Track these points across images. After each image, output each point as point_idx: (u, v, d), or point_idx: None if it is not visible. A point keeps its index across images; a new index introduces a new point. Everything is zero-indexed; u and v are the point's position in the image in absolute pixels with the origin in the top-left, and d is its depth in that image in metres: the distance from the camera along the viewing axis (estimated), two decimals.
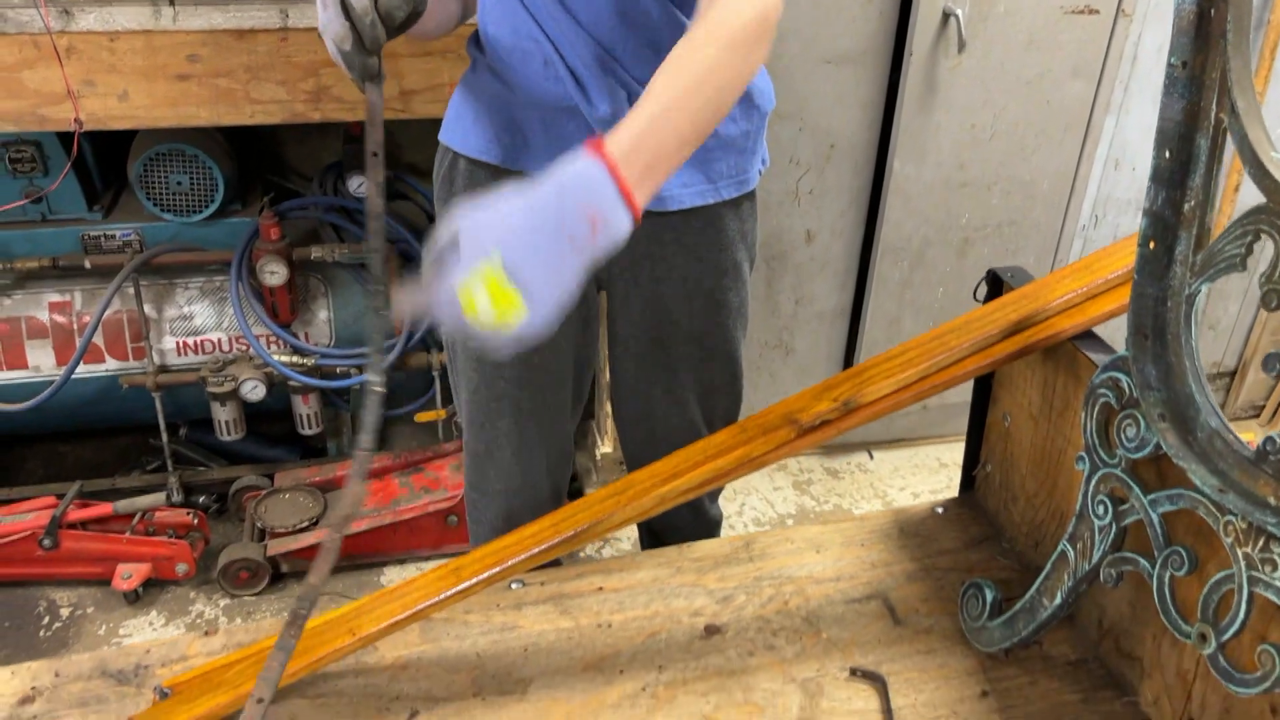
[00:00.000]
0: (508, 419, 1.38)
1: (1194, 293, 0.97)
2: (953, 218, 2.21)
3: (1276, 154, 0.90)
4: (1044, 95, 2.11)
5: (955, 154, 2.12)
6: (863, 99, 2.06)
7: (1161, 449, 0.96)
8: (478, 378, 1.35)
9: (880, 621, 1.26)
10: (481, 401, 1.37)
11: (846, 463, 2.51)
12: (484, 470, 1.43)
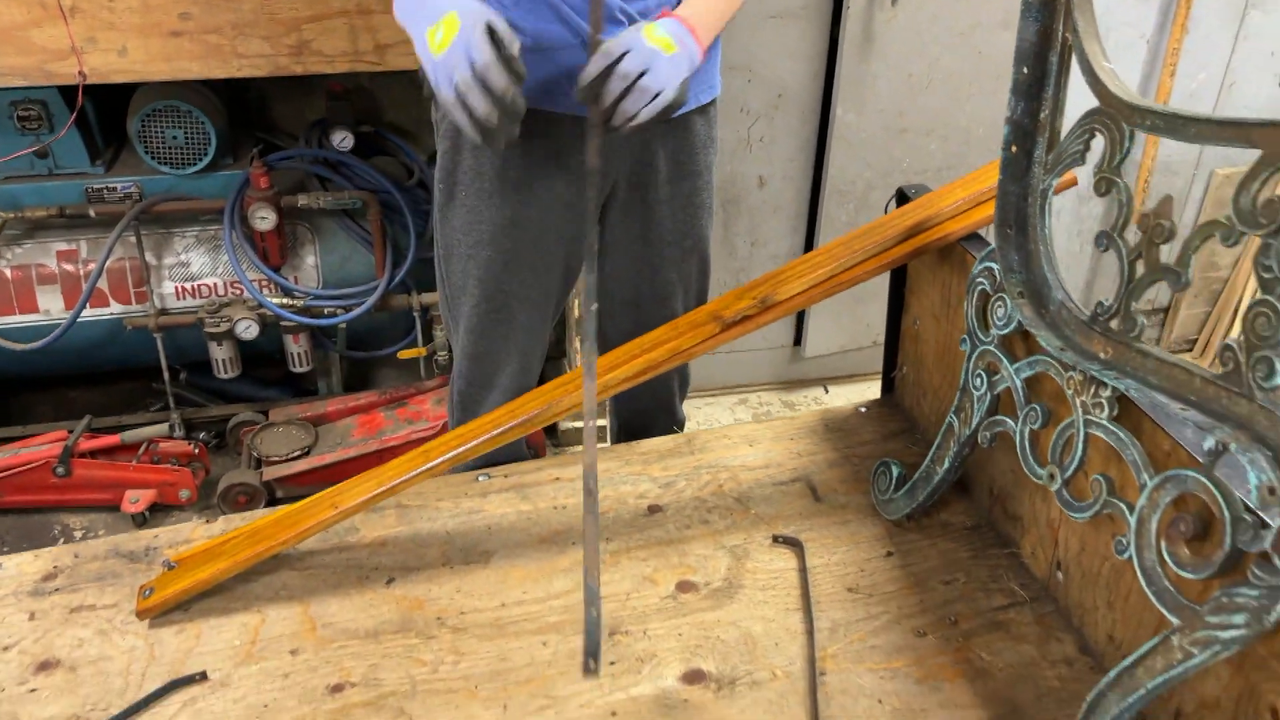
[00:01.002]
0: (513, 314, 1.53)
1: (1047, 187, 1.13)
2: (894, 162, 2.36)
3: (1107, 64, 1.06)
4: (976, 46, 2.26)
5: (894, 102, 2.28)
6: (807, 51, 2.21)
7: (1022, 323, 1.12)
8: (479, 291, 1.49)
9: (803, 499, 1.42)
10: (487, 303, 1.50)
11: (804, 397, 2.68)
12: (485, 368, 1.56)
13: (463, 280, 1.50)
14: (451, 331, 1.59)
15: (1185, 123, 0.94)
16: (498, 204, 1.42)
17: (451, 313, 1.57)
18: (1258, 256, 0.86)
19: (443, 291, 1.57)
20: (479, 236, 1.45)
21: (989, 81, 2.29)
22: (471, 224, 1.45)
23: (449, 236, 1.48)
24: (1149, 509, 0.95)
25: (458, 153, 1.42)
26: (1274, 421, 0.83)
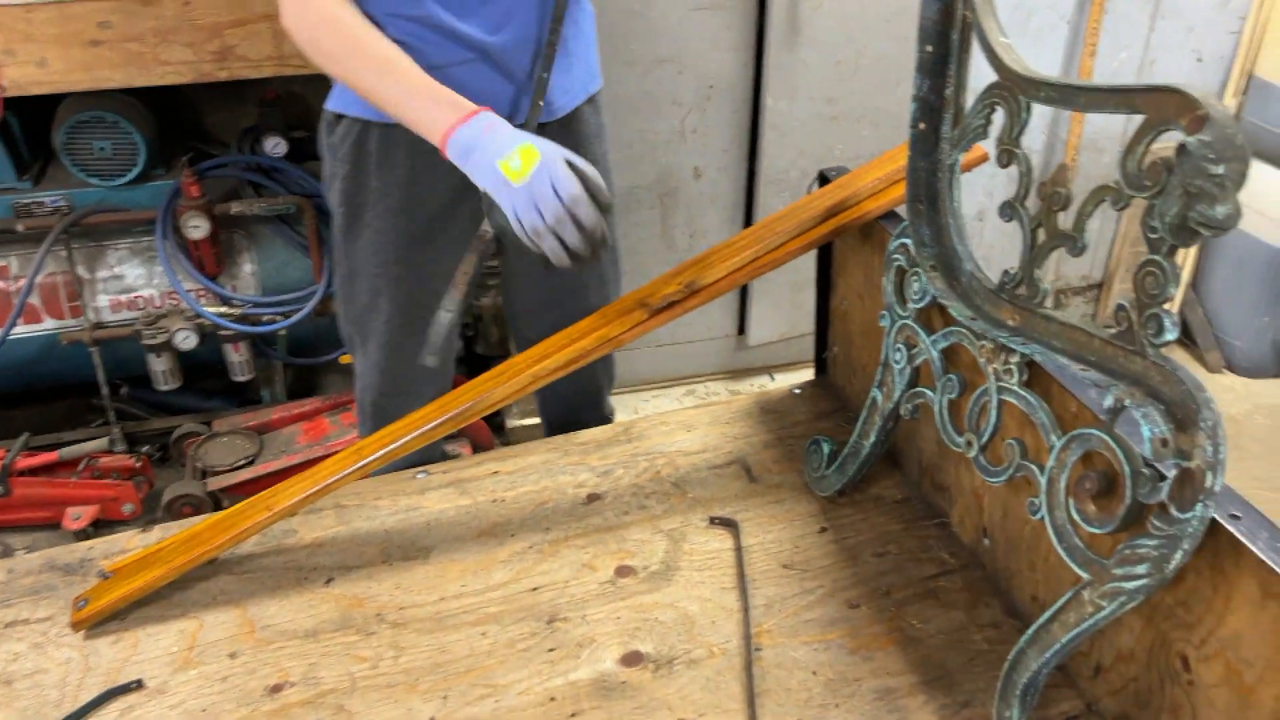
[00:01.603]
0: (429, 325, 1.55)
1: (954, 161, 1.16)
2: (827, 149, 2.40)
3: (1004, 39, 1.09)
4: (902, 31, 2.30)
5: (824, 89, 2.31)
6: (735, 41, 2.23)
7: (935, 296, 1.15)
8: (391, 307, 1.51)
9: (738, 481, 1.44)
10: (401, 316, 1.52)
11: (749, 385, 2.71)
12: (402, 379, 1.58)
13: (372, 299, 1.51)
14: (355, 346, 1.60)
15: (1076, 92, 0.97)
16: (406, 222, 1.44)
17: (359, 329, 1.57)
18: (1144, 218, 0.89)
19: (346, 310, 1.58)
20: (390, 255, 1.46)
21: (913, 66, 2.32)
22: (380, 244, 1.46)
23: (354, 258, 1.49)
24: (1057, 469, 0.97)
25: (362, 173, 1.43)
26: (1165, 376, 0.86)
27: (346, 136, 1.43)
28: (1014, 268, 1.05)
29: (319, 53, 1.25)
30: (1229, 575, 0.86)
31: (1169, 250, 0.86)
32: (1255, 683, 0.85)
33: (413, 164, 1.42)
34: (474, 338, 2.52)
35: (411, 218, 1.44)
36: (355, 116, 1.41)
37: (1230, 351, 2.74)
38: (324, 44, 1.25)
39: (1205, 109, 0.82)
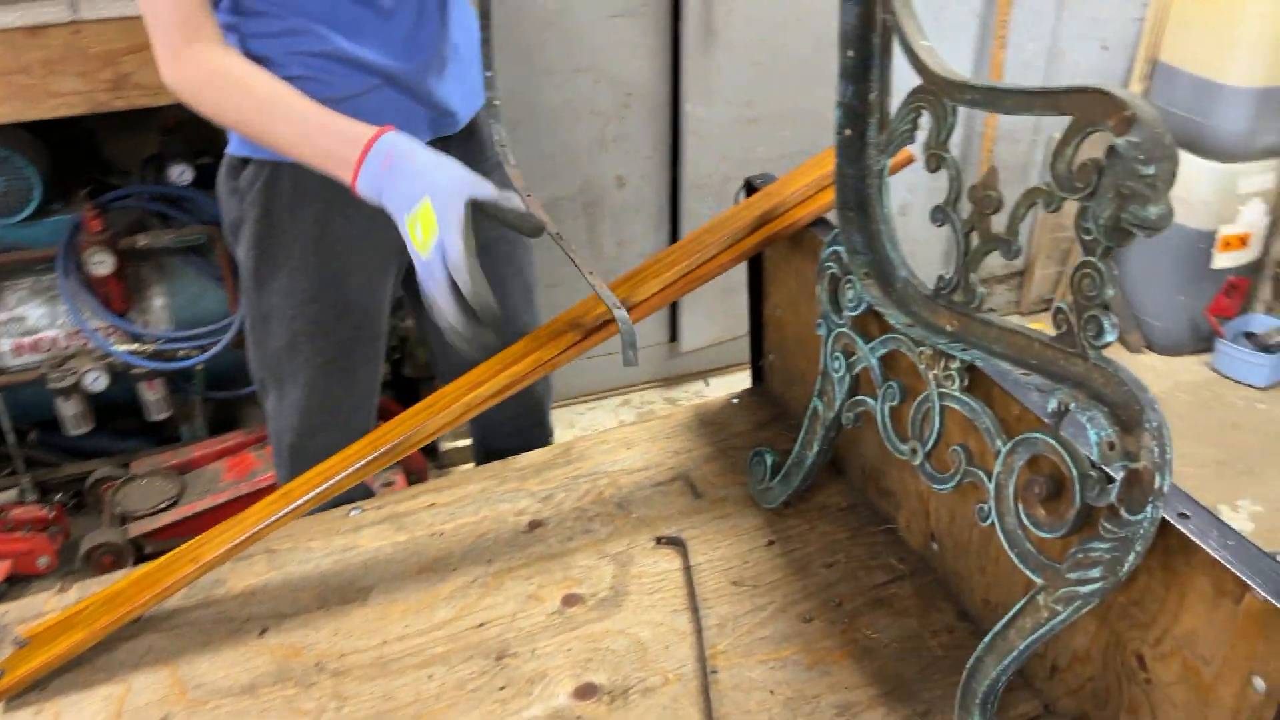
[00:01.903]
0: (352, 361, 1.50)
1: (882, 167, 1.15)
2: (749, 152, 2.39)
3: (925, 42, 1.08)
4: (816, 31, 2.30)
5: (742, 92, 2.30)
6: (651, 47, 2.22)
7: (871, 303, 1.14)
8: (311, 346, 1.46)
9: (683, 498, 1.42)
10: (321, 355, 1.47)
11: (685, 391, 2.69)
12: (325, 418, 1.53)
13: (289, 341, 1.45)
14: (269, 389, 1.53)
15: (1001, 95, 0.96)
16: (324, 259, 1.39)
17: (274, 373, 1.51)
18: (1078, 219, 0.89)
19: (258, 354, 1.51)
20: (306, 295, 1.41)
21: (830, 64, 2.32)
22: (295, 285, 1.41)
23: (266, 302, 1.44)
24: (1005, 474, 0.97)
25: (273, 215, 1.38)
26: (1107, 379, 0.86)
27: (255, 180, 1.37)
28: (949, 272, 1.04)
29: (209, 106, 1.19)
30: (1180, 574, 0.86)
31: (1104, 252, 0.85)
32: (1214, 680, 0.85)
33: (326, 199, 1.37)
34: (400, 360, 2.46)
35: (327, 253, 1.40)
36: (264, 159, 1.36)
37: (1150, 331, 2.81)
38: (212, 98, 1.19)
39: (1132, 109, 0.82)
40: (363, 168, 1.09)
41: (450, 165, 1.07)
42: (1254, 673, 0.80)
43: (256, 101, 1.17)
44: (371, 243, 1.42)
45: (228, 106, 1.19)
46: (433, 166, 1.07)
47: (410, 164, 1.07)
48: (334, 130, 1.14)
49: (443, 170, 1.06)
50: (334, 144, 1.13)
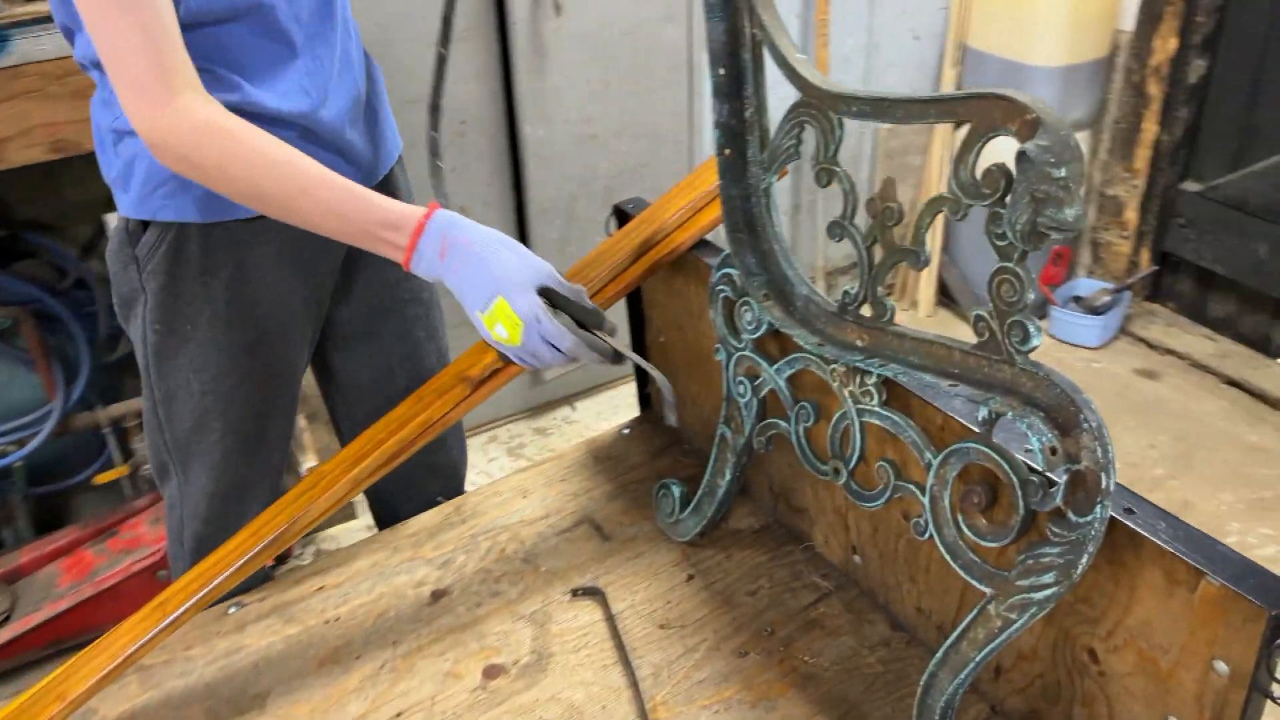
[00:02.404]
0: (266, 436, 1.38)
1: (768, 185, 1.12)
2: (591, 170, 2.34)
3: (801, 55, 1.06)
4: (644, 43, 2.28)
5: (578, 110, 2.25)
6: (480, 71, 2.14)
7: (772, 324, 1.11)
8: (223, 424, 1.33)
9: (590, 542, 1.35)
10: (235, 434, 1.34)
11: (553, 419, 2.62)
12: (236, 501, 1.39)
13: (198, 419, 1.31)
14: (172, 475, 1.38)
15: (891, 105, 0.95)
16: (237, 327, 1.26)
17: (179, 456, 1.36)
18: (989, 226, 0.88)
19: (160, 437, 1.36)
20: (218, 368, 1.27)
21: (664, 75, 2.32)
22: (206, 357, 1.27)
23: (171, 378, 1.29)
24: (939, 486, 0.95)
25: (179, 283, 1.23)
26: (1037, 382, 0.86)
27: (157, 245, 1.22)
28: (853, 287, 1.02)
29: (206, 166, 1.04)
30: (1130, 568, 0.86)
31: (1020, 256, 0.85)
32: (1173, 666, 0.86)
33: (240, 263, 1.24)
34: None
35: (240, 322, 1.26)
36: (167, 221, 1.21)
37: None
38: (213, 158, 1.04)
39: (1035, 112, 0.81)
40: (416, 254, 1.03)
41: (511, 250, 1.01)
42: (1215, 657, 0.81)
43: (274, 169, 1.03)
44: (288, 305, 1.30)
45: (235, 169, 1.04)
46: (495, 254, 1.01)
47: (471, 251, 1.01)
48: (374, 209, 1.04)
49: (507, 258, 1.00)
50: (376, 226, 1.04)
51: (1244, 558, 0.79)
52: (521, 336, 0.97)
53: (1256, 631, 0.76)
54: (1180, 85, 2.63)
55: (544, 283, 0.98)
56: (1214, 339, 2.81)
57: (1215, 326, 2.85)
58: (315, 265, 1.30)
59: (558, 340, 0.97)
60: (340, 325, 1.43)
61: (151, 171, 1.18)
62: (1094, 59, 2.64)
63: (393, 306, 1.44)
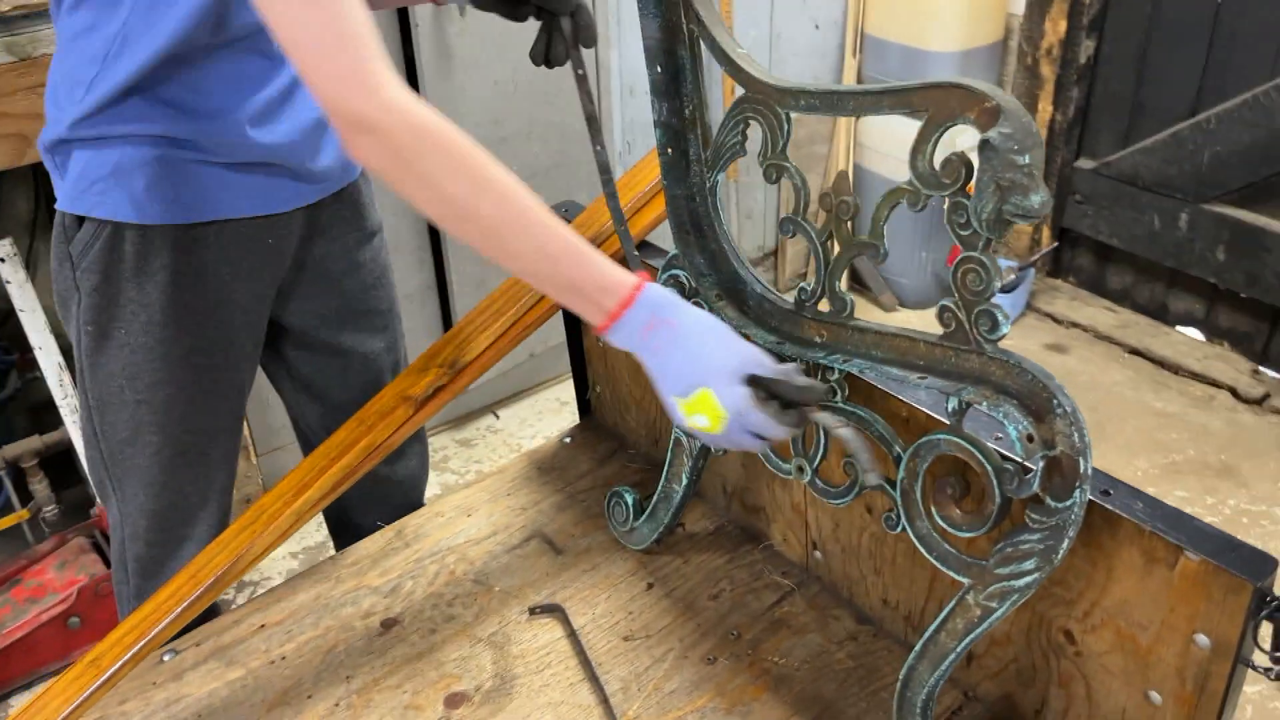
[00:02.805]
0: (206, 453, 1.30)
1: (714, 184, 1.10)
2: None
3: (742, 49, 1.04)
4: None
5: (487, 111, 2.20)
6: None
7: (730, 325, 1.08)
8: (160, 436, 1.25)
9: (544, 557, 1.32)
10: (172, 447, 1.27)
11: (476, 429, 2.56)
12: (176, 521, 1.31)
13: (132, 430, 1.23)
14: (112, 491, 1.30)
15: (842, 98, 0.94)
16: (173, 334, 1.18)
17: (113, 471, 1.27)
18: (950, 215, 0.87)
19: (95, 449, 1.28)
20: (153, 376, 1.19)
21: (568, 74, 2.28)
22: (140, 364, 1.19)
23: (105, 384, 1.21)
24: (909, 479, 0.95)
25: (112, 284, 1.16)
26: (1008, 370, 0.85)
27: (92, 242, 1.15)
28: (809, 282, 1.01)
29: (416, 172, 0.90)
30: (1107, 549, 0.87)
31: (984, 245, 0.84)
32: (1152, 642, 0.87)
33: (176, 266, 1.16)
34: None
35: (178, 329, 1.18)
36: (103, 219, 1.14)
37: (900, 289, 2.98)
38: (432, 165, 0.90)
39: (994, 100, 0.81)
40: (620, 323, 0.95)
41: (720, 339, 0.95)
42: (1196, 631, 0.82)
43: (494, 190, 0.91)
44: (227, 315, 1.23)
45: (451, 182, 0.91)
46: (703, 343, 0.94)
47: (677, 335, 0.94)
48: (590, 264, 0.95)
49: (715, 348, 0.94)
50: (587, 283, 0.95)
51: (1222, 533, 0.80)
52: (724, 428, 0.92)
53: (1240, 604, 0.77)
54: (1071, 66, 2.71)
55: (752, 372, 0.93)
56: (1114, 310, 2.92)
57: (1114, 298, 2.95)
58: (256, 277, 1.24)
59: (764, 431, 0.92)
60: (301, 331, 1.37)
61: (89, 164, 1.12)
62: (989, 43, 2.71)
63: (353, 319, 1.38)
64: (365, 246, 1.36)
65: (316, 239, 1.30)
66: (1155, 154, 2.65)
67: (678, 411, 0.93)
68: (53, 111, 1.15)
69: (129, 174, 1.11)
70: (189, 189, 1.13)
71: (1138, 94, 2.68)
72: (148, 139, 1.10)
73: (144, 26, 1.06)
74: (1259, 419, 2.50)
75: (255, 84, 1.13)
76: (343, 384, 1.36)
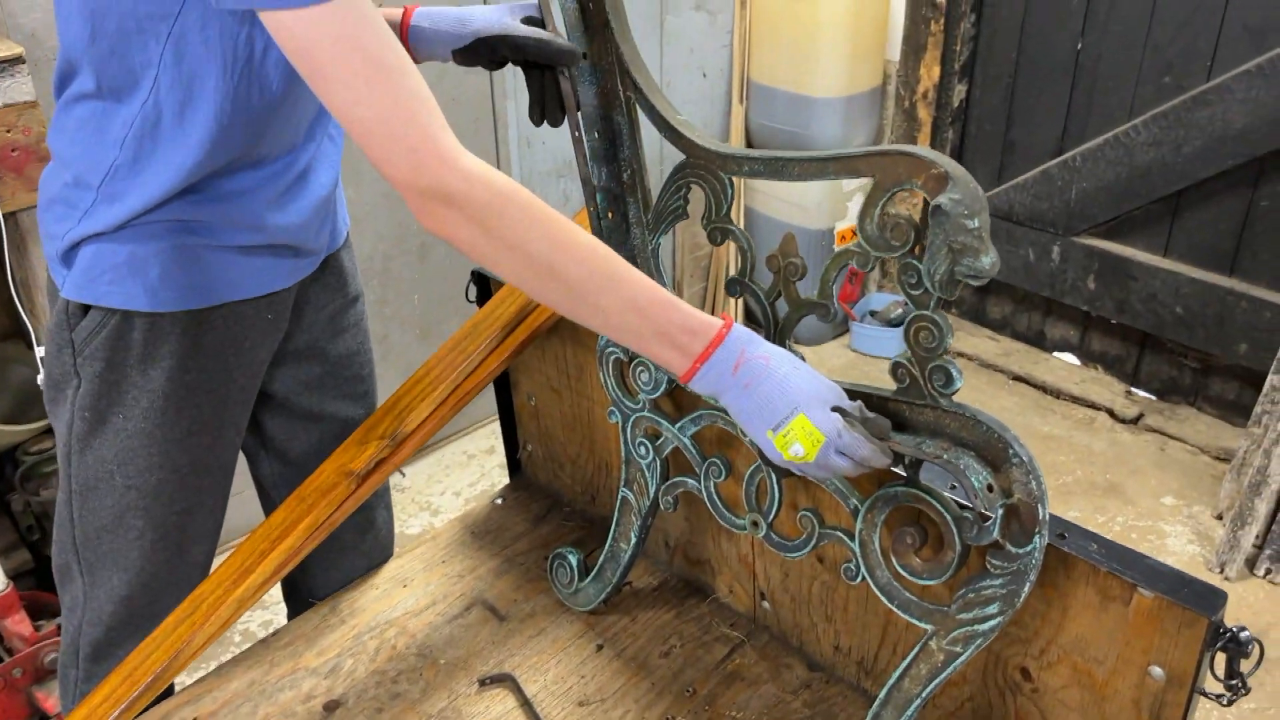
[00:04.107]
0: (188, 536, 1.24)
1: (656, 246, 1.11)
2: (405, 229, 2.26)
3: (681, 115, 1.06)
4: (449, 93, 2.23)
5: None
6: None
7: (672, 383, 1.10)
8: (145, 520, 1.19)
9: (487, 625, 1.29)
10: (156, 530, 1.20)
11: None
12: (147, 605, 1.24)
13: (116, 516, 1.16)
14: (78, 575, 1.21)
15: (787, 164, 0.97)
16: (172, 419, 1.12)
17: (85, 555, 1.20)
18: (901, 276, 0.91)
19: (67, 534, 1.20)
20: (147, 461, 1.13)
21: (470, 124, 2.28)
22: (136, 449, 1.12)
23: (93, 469, 1.14)
24: (867, 531, 0.97)
25: (116, 371, 1.10)
26: (963, 423, 0.89)
27: (98, 330, 1.08)
28: None
29: (497, 236, 0.90)
30: (1063, 588, 0.91)
31: (937, 304, 0.88)
32: (1109, 676, 0.91)
33: (183, 350, 1.11)
34: (41, 540, 2.04)
35: (178, 413, 1.13)
36: (111, 308, 1.08)
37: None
38: (515, 230, 0.90)
39: (942, 167, 0.85)
40: (708, 364, 0.93)
41: (806, 369, 0.94)
42: (1151, 663, 0.87)
43: (579, 250, 0.91)
44: (226, 395, 1.18)
45: (537, 244, 0.90)
46: (795, 372, 0.93)
47: (769, 368, 0.92)
48: (676, 310, 0.93)
49: (806, 376, 0.93)
50: (675, 329, 0.94)
51: (1173, 569, 0.84)
52: (819, 452, 0.92)
53: (1195, 636, 0.82)
54: (946, 109, 2.85)
55: (837, 401, 0.93)
56: (995, 339, 3.06)
57: (995, 327, 3.09)
58: (254, 353, 1.19)
59: (855, 450, 0.92)
60: (283, 398, 1.32)
61: (99, 255, 1.06)
62: (869, 88, 2.82)
63: (335, 385, 1.33)
64: (349, 312, 1.33)
65: (304, 309, 1.26)
66: (1027, 190, 2.80)
67: (771, 446, 0.93)
68: (59, 218, 1.09)
69: (143, 263, 1.06)
70: (202, 274, 1.09)
71: (1008, 134, 2.83)
72: (164, 226, 1.06)
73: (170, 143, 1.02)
74: (1136, 437, 2.66)
75: (279, 169, 1.09)
76: (318, 449, 1.31)
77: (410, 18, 1.18)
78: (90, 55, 1.00)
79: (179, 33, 0.97)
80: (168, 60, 0.98)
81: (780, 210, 2.89)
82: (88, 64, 1.01)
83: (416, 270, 2.35)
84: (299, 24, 0.86)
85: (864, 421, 0.91)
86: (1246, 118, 2.35)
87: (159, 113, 1.01)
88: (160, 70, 0.98)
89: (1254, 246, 2.49)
